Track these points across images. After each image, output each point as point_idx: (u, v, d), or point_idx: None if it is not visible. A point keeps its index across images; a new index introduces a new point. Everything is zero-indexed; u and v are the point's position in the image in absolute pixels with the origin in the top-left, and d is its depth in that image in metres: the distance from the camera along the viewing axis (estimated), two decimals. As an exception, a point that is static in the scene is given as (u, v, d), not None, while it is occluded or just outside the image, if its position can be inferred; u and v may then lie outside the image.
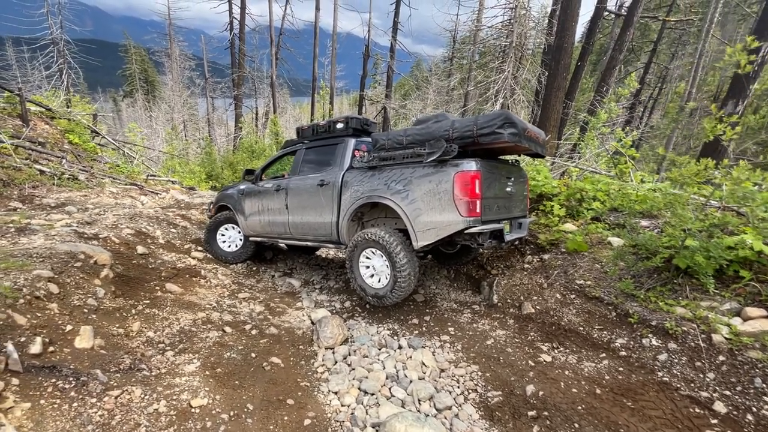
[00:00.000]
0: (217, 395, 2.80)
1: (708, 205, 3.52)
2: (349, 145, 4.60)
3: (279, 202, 5.18)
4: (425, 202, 3.70)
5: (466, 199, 3.46)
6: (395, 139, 3.98)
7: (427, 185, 3.68)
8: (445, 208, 3.57)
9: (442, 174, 3.59)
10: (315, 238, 4.93)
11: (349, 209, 4.36)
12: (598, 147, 8.43)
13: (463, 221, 3.49)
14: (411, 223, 3.82)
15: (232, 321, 4.09)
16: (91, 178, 8.90)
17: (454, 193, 3.50)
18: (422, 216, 3.73)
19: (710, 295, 3.15)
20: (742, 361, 2.63)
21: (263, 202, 5.44)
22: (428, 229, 3.71)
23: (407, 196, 3.82)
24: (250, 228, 5.75)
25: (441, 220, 3.62)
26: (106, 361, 2.82)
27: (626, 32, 15.41)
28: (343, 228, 4.47)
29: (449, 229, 3.59)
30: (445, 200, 3.56)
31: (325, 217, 4.64)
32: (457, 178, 3.49)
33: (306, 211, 4.86)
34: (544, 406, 2.85)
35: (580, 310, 3.75)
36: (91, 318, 3.23)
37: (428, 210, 3.68)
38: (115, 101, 48.24)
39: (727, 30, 30.06)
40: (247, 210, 5.70)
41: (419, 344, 3.88)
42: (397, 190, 3.90)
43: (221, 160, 20.65)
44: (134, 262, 4.59)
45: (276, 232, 5.39)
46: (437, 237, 3.69)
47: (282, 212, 5.16)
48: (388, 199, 3.96)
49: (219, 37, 27.94)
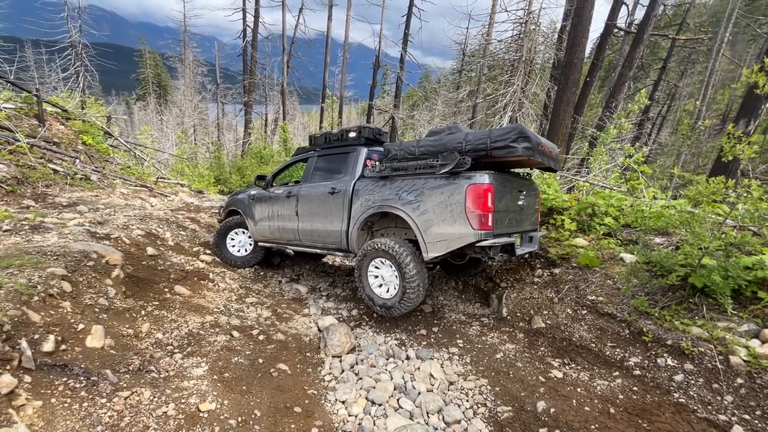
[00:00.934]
0: (225, 400, 2.78)
1: (725, 224, 3.48)
2: (361, 154, 4.61)
3: (289, 208, 5.19)
4: (436, 214, 3.68)
5: (478, 212, 3.44)
6: (408, 149, 3.99)
7: (438, 197, 3.67)
8: (456, 220, 3.56)
9: (454, 186, 3.58)
10: (324, 246, 4.92)
11: (359, 218, 4.35)
12: (607, 162, 8.40)
13: (475, 234, 3.47)
14: (422, 235, 3.80)
15: (239, 325, 4.08)
16: (102, 179, 9.01)
17: (466, 206, 3.48)
18: (433, 227, 3.72)
19: (727, 315, 3.09)
20: (762, 385, 2.57)
21: (273, 208, 5.46)
22: (439, 240, 3.70)
23: (418, 207, 3.80)
24: (260, 233, 5.76)
25: (452, 232, 3.60)
26: (116, 362, 2.81)
27: (636, 49, 15.49)
28: (353, 236, 4.46)
29: (460, 242, 3.57)
30: (457, 212, 3.54)
31: (335, 225, 4.63)
32: (469, 190, 3.48)
33: (316, 218, 4.86)
34: (556, 423, 2.80)
35: (592, 326, 3.70)
36: (102, 317, 3.23)
37: (439, 222, 3.67)
38: (128, 104, 49.02)
39: (737, 50, 30.14)
40: (257, 215, 5.72)
41: (427, 356, 3.83)
42: (408, 201, 3.89)
43: (230, 164, 20.84)
44: (144, 263, 4.61)
45: (285, 239, 5.40)
46: (448, 249, 3.67)
47: (292, 219, 5.17)
48: (399, 210, 3.95)
49: (232, 44, 28.47)
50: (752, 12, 27.26)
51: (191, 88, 28.91)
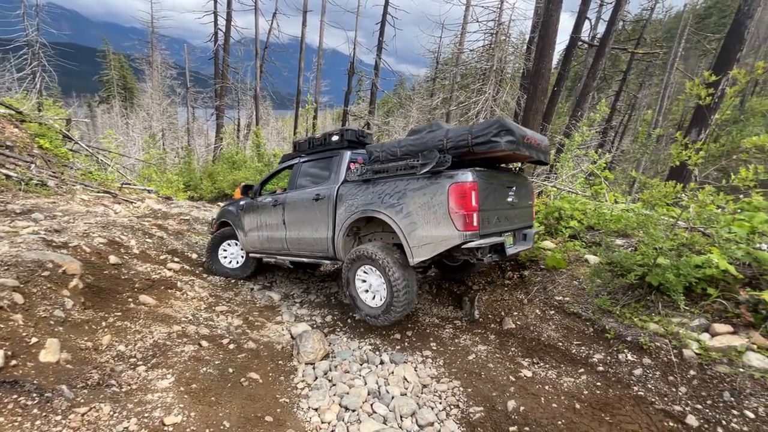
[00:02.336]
0: (192, 412, 2.68)
1: (677, 226, 3.71)
2: (344, 157, 4.51)
3: (276, 217, 5.08)
4: (420, 216, 3.56)
5: (462, 213, 3.30)
6: (389, 150, 3.88)
7: (421, 198, 3.55)
8: (440, 221, 3.43)
9: (436, 186, 3.45)
10: (312, 254, 4.82)
11: (344, 224, 4.23)
12: (573, 168, 8.77)
13: (460, 236, 3.34)
14: (406, 238, 3.68)
15: (208, 335, 3.95)
16: (61, 185, 8.54)
17: (450, 206, 3.35)
18: (417, 230, 3.59)
19: (681, 311, 3.29)
20: (712, 376, 2.74)
21: (261, 218, 5.33)
22: (424, 244, 3.57)
23: (401, 210, 3.69)
24: (250, 244, 5.62)
25: (437, 234, 3.47)
26: (73, 377, 2.66)
27: (599, 61, 16.31)
28: (339, 243, 4.34)
29: (445, 244, 3.44)
30: (441, 213, 3.42)
31: (321, 233, 4.52)
32: (452, 190, 3.34)
33: (303, 226, 4.76)
34: (525, 421, 2.87)
35: (559, 325, 3.83)
36: (57, 330, 3.05)
37: (423, 224, 3.55)
38: (90, 107, 46.80)
39: (690, 64, 32.31)
40: (247, 226, 5.59)
41: (401, 359, 3.84)
42: (391, 204, 3.77)
43: (201, 170, 20.26)
44: (106, 273, 4.40)
45: (274, 248, 5.27)
46: (433, 252, 3.54)
47: (280, 228, 5.06)
48: (382, 213, 3.83)
49: (202, 47, 27.82)
50: (702, 29, 29.41)
51: (159, 92, 27.99)
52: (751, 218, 3.70)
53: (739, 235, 3.53)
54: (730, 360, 2.77)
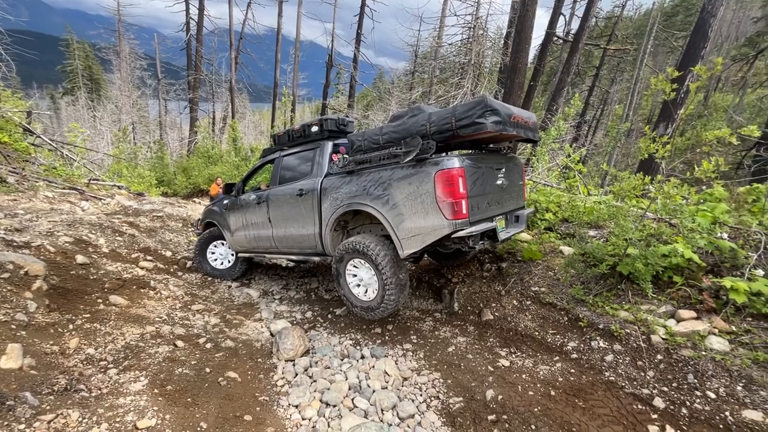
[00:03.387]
0: (167, 415, 2.60)
1: (645, 217, 3.86)
2: (326, 149, 4.35)
3: (261, 215, 4.92)
4: (407, 207, 3.41)
5: (450, 201, 3.15)
6: (371, 138, 3.69)
7: (407, 188, 3.38)
8: (428, 211, 3.28)
9: (422, 174, 3.29)
10: (301, 251, 4.67)
11: (330, 219, 4.09)
12: (549, 162, 8.97)
13: (449, 225, 3.19)
14: (394, 230, 3.53)
15: (184, 334, 3.85)
16: (22, 181, 8.10)
17: (437, 195, 3.20)
18: (405, 222, 3.44)
19: (649, 299, 3.43)
20: (677, 359, 2.87)
21: (246, 216, 5.17)
22: (413, 235, 3.42)
23: (388, 201, 3.53)
24: (237, 244, 5.47)
25: (425, 225, 3.32)
26: (38, 383, 2.53)
27: (573, 57, 16.69)
28: (327, 239, 4.21)
29: (435, 235, 3.30)
30: (428, 203, 3.26)
31: (308, 229, 4.38)
32: (438, 177, 3.18)
33: (288, 223, 4.61)
34: (503, 409, 2.94)
35: (536, 315, 3.93)
36: (20, 335, 2.90)
37: (411, 215, 3.39)
38: (54, 98, 44.39)
39: (658, 60, 33.51)
40: (232, 225, 5.43)
41: (382, 353, 3.86)
42: (377, 195, 3.61)
43: (174, 165, 19.61)
44: (73, 273, 4.21)
45: (262, 247, 5.12)
46: (424, 243, 3.39)
47: (266, 226, 4.91)
48: (368, 206, 3.68)
49: (174, 37, 26.82)
50: (670, 27, 30.50)
51: (129, 83, 26.81)
52: (713, 209, 3.88)
53: (703, 225, 3.70)
54: (694, 344, 2.91)
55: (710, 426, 2.41)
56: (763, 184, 4.19)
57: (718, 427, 2.38)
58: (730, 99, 30.67)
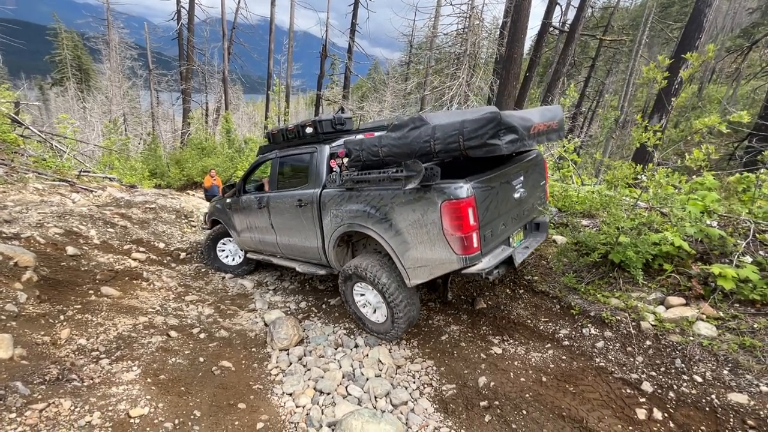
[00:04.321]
0: (160, 403, 2.61)
1: (637, 206, 3.88)
2: (323, 154, 3.96)
3: (264, 220, 4.72)
4: (412, 235, 3.07)
5: (459, 235, 2.80)
6: (370, 150, 3.22)
7: (411, 215, 3.03)
8: (435, 243, 2.94)
9: (426, 202, 2.91)
10: (307, 261, 4.48)
11: (332, 236, 3.82)
12: (544, 152, 8.98)
13: (459, 260, 2.88)
14: (399, 259, 3.23)
15: (177, 325, 3.84)
16: (11, 173, 7.96)
17: (444, 228, 2.84)
18: (410, 251, 3.13)
19: (639, 286, 3.47)
20: (665, 345, 2.92)
21: (250, 219, 4.99)
22: (419, 266, 3.13)
23: (390, 227, 3.19)
24: (245, 244, 5.38)
25: (432, 257, 3.01)
26: (29, 373, 2.52)
27: (569, 47, 16.62)
28: (330, 255, 3.98)
29: (443, 269, 3.02)
30: (434, 234, 2.92)
31: (311, 241, 4.15)
32: (444, 208, 2.80)
33: (291, 232, 4.39)
34: (495, 395, 2.98)
35: (528, 303, 3.96)
36: (10, 326, 2.88)
37: (417, 244, 3.06)
38: (42, 89, 43.55)
39: (654, 51, 33.50)
40: (238, 226, 5.30)
41: (376, 342, 3.88)
42: (378, 219, 3.27)
43: (167, 157, 19.39)
44: (63, 264, 4.18)
45: (269, 251, 5.01)
46: (431, 275, 3.11)
47: (269, 231, 4.72)
48: (370, 229, 3.37)
49: (164, 27, 26.35)
50: (665, 18, 30.46)
51: (119, 73, 26.29)
52: (703, 198, 3.91)
53: (693, 213, 3.74)
54: (682, 330, 2.95)
55: (696, 409, 2.46)
56: (753, 174, 4.23)
57: (704, 409, 2.43)
58: (724, 90, 30.84)
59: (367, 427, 2.61)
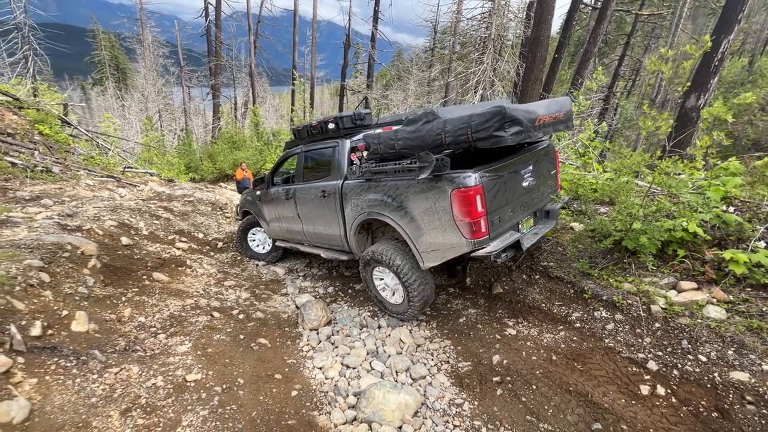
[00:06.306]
0: (209, 371, 3.03)
1: (650, 193, 3.92)
2: (344, 148, 4.25)
3: (291, 210, 5.11)
4: (425, 222, 3.34)
5: (468, 220, 3.02)
6: (387, 143, 3.49)
7: (424, 203, 3.29)
8: (446, 228, 3.19)
9: (437, 191, 3.16)
10: (330, 247, 4.85)
11: (353, 224, 4.13)
12: (568, 138, 8.86)
13: (468, 244, 3.11)
14: (414, 244, 3.50)
15: (219, 307, 4.29)
16: (65, 171, 8.77)
17: (453, 214, 3.08)
18: (424, 236, 3.39)
19: (652, 271, 3.56)
20: (674, 327, 3.03)
21: (278, 210, 5.42)
22: (432, 250, 3.39)
23: (406, 214, 3.47)
24: (274, 233, 5.83)
25: (444, 241, 3.27)
26: (102, 343, 2.99)
27: (600, 25, 15.91)
28: (352, 241, 4.31)
29: (454, 252, 3.26)
30: (445, 220, 3.17)
31: (334, 229, 4.49)
32: (454, 196, 3.03)
33: (316, 221, 4.75)
34: (507, 372, 3.21)
35: (543, 288, 4.12)
36: (83, 305, 3.38)
37: (429, 230, 3.33)
38: (84, 89, 46.23)
39: (698, 24, 31.23)
40: (267, 216, 5.75)
41: (397, 324, 4.18)
42: (395, 207, 3.55)
43: (200, 151, 20.33)
44: (120, 253, 4.70)
45: (296, 239, 5.41)
46: (443, 258, 3.37)
47: (296, 220, 5.11)
48: (387, 217, 3.65)
49: (193, 24, 27.17)
50: (709, -14, 28.22)
51: (153, 71, 27.56)
52: (725, 183, 3.89)
53: (714, 199, 3.74)
54: (692, 313, 3.05)
55: (698, 385, 2.60)
56: (782, 157, 4.13)
57: (706, 386, 2.57)
58: (778, 63, 28.42)
59: (388, 396, 2.92)
